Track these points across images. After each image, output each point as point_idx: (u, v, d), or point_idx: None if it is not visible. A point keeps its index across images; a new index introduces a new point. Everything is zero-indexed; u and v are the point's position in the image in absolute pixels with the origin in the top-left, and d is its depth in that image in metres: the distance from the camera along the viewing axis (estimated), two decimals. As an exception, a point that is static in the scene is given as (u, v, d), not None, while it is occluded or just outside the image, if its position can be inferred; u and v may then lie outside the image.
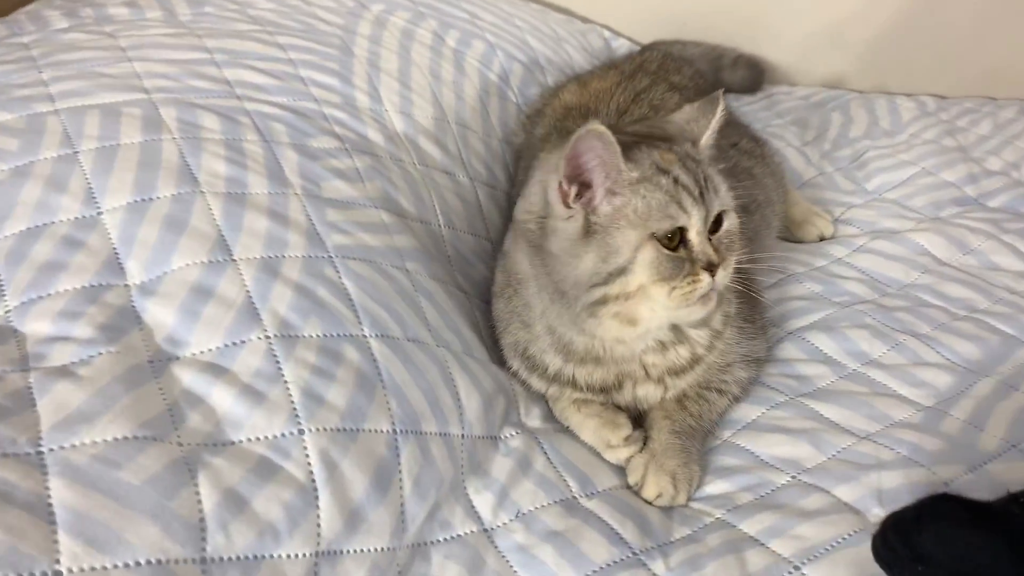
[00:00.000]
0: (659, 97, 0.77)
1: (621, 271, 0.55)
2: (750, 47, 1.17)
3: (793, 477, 0.59)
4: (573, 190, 0.55)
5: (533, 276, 0.59)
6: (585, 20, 1.19)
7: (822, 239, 0.86)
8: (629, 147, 0.56)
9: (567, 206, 0.55)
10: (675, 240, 0.56)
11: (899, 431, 0.62)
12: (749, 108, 1.09)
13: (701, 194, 0.56)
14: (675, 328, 0.61)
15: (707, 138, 0.59)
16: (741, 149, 0.79)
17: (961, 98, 1.12)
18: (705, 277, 0.56)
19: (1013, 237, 0.82)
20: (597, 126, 0.53)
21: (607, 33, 1.17)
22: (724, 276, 0.57)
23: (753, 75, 1.14)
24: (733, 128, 0.83)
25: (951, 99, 1.12)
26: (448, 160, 0.79)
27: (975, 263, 0.81)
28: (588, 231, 0.55)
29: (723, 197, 0.58)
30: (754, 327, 0.69)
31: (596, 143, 0.53)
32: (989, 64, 1.14)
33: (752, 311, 0.70)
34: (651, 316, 0.57)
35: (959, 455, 0.59)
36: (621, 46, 1.15)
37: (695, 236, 0.56)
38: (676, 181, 0.56)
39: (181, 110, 0.66)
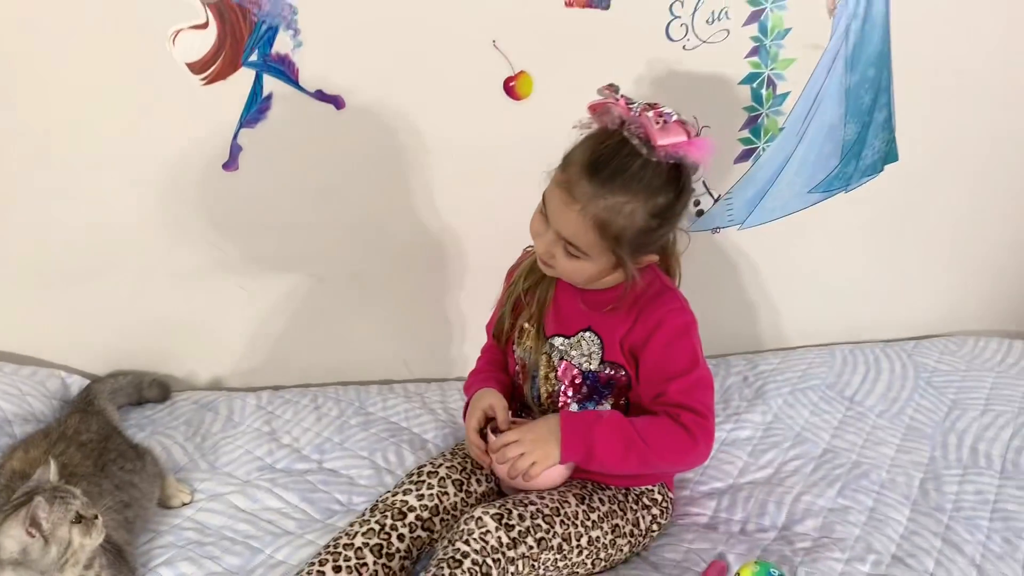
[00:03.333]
0: (73, 457, 1.40)
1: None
2: (163, 369, 1.90)
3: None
4: None
5: None
6: (46, 364, 1.75)
7: (184, 504, 1.57)
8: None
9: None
10: None
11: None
12: (160, 415, 1.79)
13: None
14: None
15: (53, 477, 1.20)
16: (126, 469, 1.48)
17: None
18: None
19: (280, 489, 1.61)
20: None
21: (63, 374, 1.70)
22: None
23: (163, 390, 1.84)
24: (120, 455, 1.51)
25: (280, 392, 1.94)
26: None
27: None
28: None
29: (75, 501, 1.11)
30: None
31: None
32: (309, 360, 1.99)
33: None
34: None
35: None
36: (74, 382, 1.70)
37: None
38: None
39: None
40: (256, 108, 1.64)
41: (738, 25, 1.69)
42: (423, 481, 1.34)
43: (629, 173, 1.14)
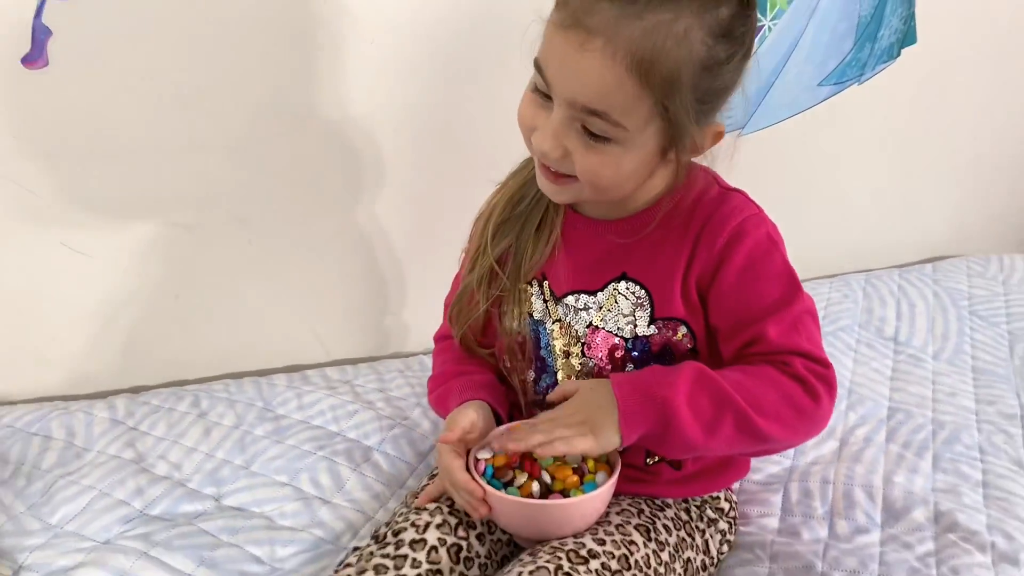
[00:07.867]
0: None
1: None
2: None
3: None
4: None
5: None
6: None
7: (1, 595, 1.00)
8: None
9: None
10: None
11: None
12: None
13: None
14: None
15: None
16: None
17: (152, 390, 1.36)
18: None
19: (160, 550, 1.02)
20: None
21: None
22: None
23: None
24: None
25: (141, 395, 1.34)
26: None
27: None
28: None
29: None
30: None
31: None
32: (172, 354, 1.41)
33: None
34: None
35: None
36: None
37: None
38: None
39: None
40: (67, -38, 1.13)
41: None
42: (404, 556, 0.87)
43: None
